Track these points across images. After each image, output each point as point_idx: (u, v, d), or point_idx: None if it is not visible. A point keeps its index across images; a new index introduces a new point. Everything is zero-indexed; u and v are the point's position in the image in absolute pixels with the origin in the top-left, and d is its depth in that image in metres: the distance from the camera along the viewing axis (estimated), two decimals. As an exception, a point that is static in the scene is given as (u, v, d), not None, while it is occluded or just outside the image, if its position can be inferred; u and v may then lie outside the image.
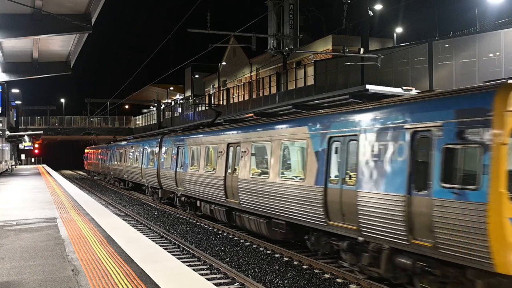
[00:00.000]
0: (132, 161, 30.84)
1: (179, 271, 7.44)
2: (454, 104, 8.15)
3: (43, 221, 12.85)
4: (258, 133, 14.58)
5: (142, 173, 27.95)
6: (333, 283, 10.62)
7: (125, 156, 32.97)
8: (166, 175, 23.35)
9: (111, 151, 38.76)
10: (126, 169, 32.64)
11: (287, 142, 13.05)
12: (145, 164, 27.39)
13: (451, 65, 26.43)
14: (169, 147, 23.52)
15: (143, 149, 28.30)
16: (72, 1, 17.13)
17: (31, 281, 7.00)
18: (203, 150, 18.85)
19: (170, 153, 23.08)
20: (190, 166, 20.28)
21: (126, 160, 32.94)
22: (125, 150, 33.32)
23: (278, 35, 21.48)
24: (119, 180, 37.31)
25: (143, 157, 28.04)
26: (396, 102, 9.74)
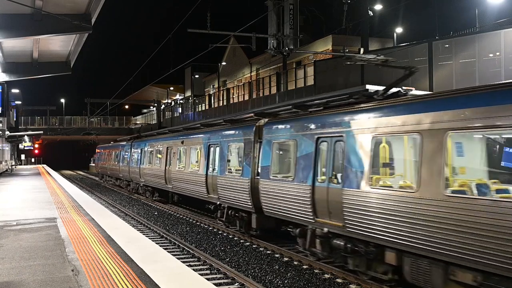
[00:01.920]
0: (185, 163, 21.11)
1: (179, 271, 7.44)
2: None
3: (43, 221, 12.85)
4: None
5: (211, 184, 17.88)
6: (333, 283, 10.62)
7: (169, 156, 23.65)
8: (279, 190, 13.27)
9: (140, 149, 29.85)
10: (171, 175, 22.83)
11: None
12: (217, 169, 17.40)
13: (451, 65, 26.42)
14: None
15: (218, 145, 17.68)
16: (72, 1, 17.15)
17: (31, 281, 7.00)
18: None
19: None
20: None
21: (170, 161, 23.42)
22: (168, 148, 23.80)
23: (278, 35, 21.48)
24: (152, 189, 27.80)
25: (212, 158, 18.21)
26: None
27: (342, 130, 10.69)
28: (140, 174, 29.07)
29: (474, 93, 7.97)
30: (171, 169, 22.91)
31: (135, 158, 30.85)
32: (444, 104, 8.33)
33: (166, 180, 23.54)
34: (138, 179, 29.89)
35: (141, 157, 29.06)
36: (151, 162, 26.74)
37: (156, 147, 25.84)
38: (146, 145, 28.48)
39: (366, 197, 9.60)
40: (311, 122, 12.10)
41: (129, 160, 32.48)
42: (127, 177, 33.84)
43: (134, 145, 32.17)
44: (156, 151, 25.84)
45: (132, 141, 33.29)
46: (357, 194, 9.87)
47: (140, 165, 29.03)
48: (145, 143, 29.12)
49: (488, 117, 7.40)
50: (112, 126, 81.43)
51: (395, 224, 8.84)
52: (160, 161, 24.66)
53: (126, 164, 33.64)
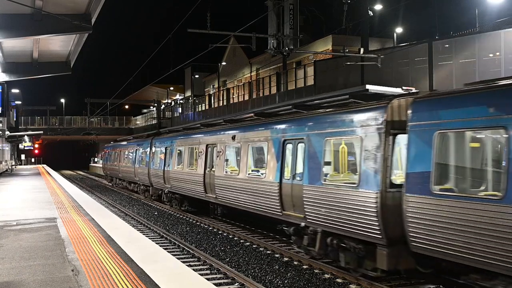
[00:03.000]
0: (240, 166, 15.64)
1: (179, 271, 7.44)
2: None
3: (43, 221, 12.85)
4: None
5: (290, 196, 12.68)
6: (333, 283, 10.62)
7: (211, 156, 18.31)
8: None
9: (164, 147, 24.33)
10: (215, 181, 17.26)
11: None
12: (303, 175, 12.09)
13: (451, 65, 26.43)
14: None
15: (301, 142, 12.41)
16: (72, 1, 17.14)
17: (31, 281, 7.00)
18: None
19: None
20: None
21: (212, 163, 18.08)
22: (210, 146, 18.49)
23: (278, 35, 21.48)
24: (181, 198, 22.31)
25: (290, 160, 12.99)
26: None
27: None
28: (165, 179, 23.50)
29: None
30: (214, 173, 17.48)
31: (158, 158, 25.31)
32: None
33: (206, 188, 18.37)
34: (162, 185, 24.29)
35: (167, 157, 23.60)
36: (181, 164, 21.43)
37: (190, 145, 20.68)
38: (174, 143, 22.88)
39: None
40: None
41: (149, 161, 26.76)
42: (145, 181, 27.95)
43: (155, 143, 26.48)
44: (189, 150, 20.74)
45: (152, 138, 27.56)
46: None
47: (165, 168, 23.59)
48: (171, 141, 23.50)
49: None
50: (112, 126, 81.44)
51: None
52: (197, 163, 19.46)
53: (144, 166, 27.76)
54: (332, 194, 10.72)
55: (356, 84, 28.62)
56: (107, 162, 42.94)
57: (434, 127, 8.48)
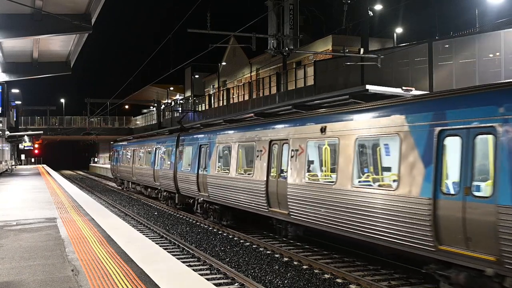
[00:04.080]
0: (344, 171, 10.97)
1: (179, 271, 7.44)
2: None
3: (43, 221, 12.85)
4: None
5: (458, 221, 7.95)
6: (333, 283, 10.62)
7: (278, 156, 13.90)
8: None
9: (197, 145, 19.76)
10: (293, 190, 12.74)
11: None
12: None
13: (451, 65, 26.44)
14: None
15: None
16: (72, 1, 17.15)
17: (31, 281, 7.00)
18: None
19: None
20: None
21: (280, 166, 13.81)
22: (275, 143, 14.12)
23: (278, 35, 21.47)
24: (222, 209, 17.58)
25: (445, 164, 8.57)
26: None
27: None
28: (200, 185, 18.72)
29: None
30: (287, 180, 12.86)
31: (188, 159, 20.58)
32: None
33: (271, 200, 13.68)
34: (194, 192, 19.47)
35: (202, 158, 18.80)
36: (227, 167, 17.02)
37: (241, 142, 16.02)
38: (214, 140, 17.98)
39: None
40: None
41: (175, 162, 21.91)
42: (169, 187, 22.91)
43: (183, 140, 21.61)
44: (239, 149, 16.19)
45: (179, 134, 22.58)
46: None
47: (200, 171, 18.78)
48: (209, 137, 18.52)
49: None
50: (112, 126, 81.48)
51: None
52: (254, 166, 14.70)
53: (168, 168, 22.88)
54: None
55: (356, 84, 28.63)
56: (117, 163, 37.09)
57: None
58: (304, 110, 13.67)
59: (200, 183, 18.91)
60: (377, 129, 10.06)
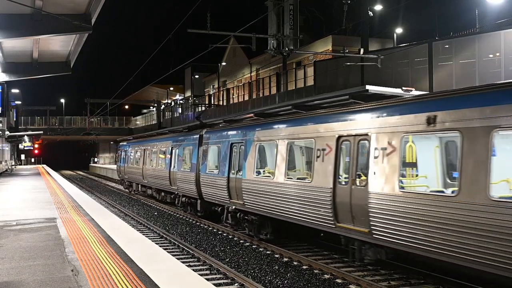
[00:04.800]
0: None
1: (179, 272, 7.44)
2: None
3: (43, 221, 12.85)
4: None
5: None
6: (333, 284, 10.62)
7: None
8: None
9: (226, 143, 16.94)
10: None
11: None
12: None
13: (451, 66, 26.44)
14: None
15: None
16: (72, 1, 17.15)
17: (30, 281, 7.00)
18: None
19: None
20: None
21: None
22: (368, 134, 10.21)
23: (278, 35, 21.48)
24: (260, 220, 14.84)
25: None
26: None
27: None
28: (232, 190, 15.98)
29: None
30: (367, 188, 9.92)
31: (215, 160, 17.93)
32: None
33: (339, 213, 10.82)
34: (223, 198, 16.67)
35: (235, 158, 16.06)
36: (272, 169, 13.94)
37: (293, 139, 13.13)
38: (252, 136, 15.06)
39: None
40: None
41: (198, 163, 19.15)
42: (189, 192, 20.16)
43: (208, 137, 18.60)
44: (290, 148, 13.47)
45: (202, 130, 19.56)
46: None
47: (232, 174, 16.07)
48: (245, 133, 15.61)
49: None
50: (112, 126, 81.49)
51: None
52: (313, 169, 11.76)
53: (188, 170, 20.11)
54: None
55: (356, 85, 28.64)
56: (124, 164, 33.72)
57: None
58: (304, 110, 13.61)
59: (232, 189, 15.95)
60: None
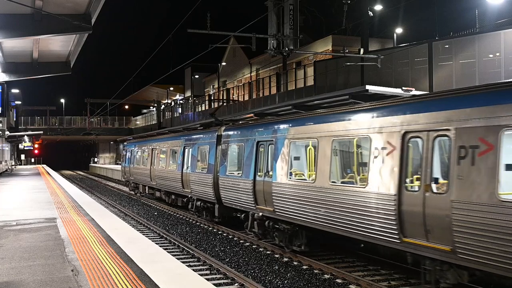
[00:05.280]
0: None
1: (179, 271, 7.44)
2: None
3: (43, 221, 12.85)
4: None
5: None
6: (333, 284, 10.62)
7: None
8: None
9: (257, 142, 14.73)
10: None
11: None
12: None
13: (451, 66, 26.43)
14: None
15: None
16: (72, 1, 17.12)
17: (30, 281, 7.00)
18: None
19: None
20: None
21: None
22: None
23: (278, 35, 21.48)
24: (294, 231, 13.05)
25: None
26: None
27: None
28: (259, 195, 14.10)
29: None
30: (457, 196, 8.03)
31: (238, 161, 16.15)
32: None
33: (409, 223, 8.99)
34: (247, 204, 14.78)
35: (262, 159, 14.25)
36: (312, 172, 12.11)
37: (339, 138, 11.18)
38: (284, 134, 13.15)
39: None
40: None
41: (216, 164, 17.36)
42: (205, 195, 18.24)
43: (228, 135, 16.75)
44: (341, 147, 11.70)
45: (221, 128, 17.70)
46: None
47: (258, 177, 14.30)
48: (274, 129, 13.72)
49: None
50: (112, 126, 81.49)
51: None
52: (374, 173, 9.83)
53: (205, 172, 18.13)
54: None
55: (356, 85, 28.65)
56: (130, 165, 31.92)
57: None
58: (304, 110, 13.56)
59: (259, 193, 14.11)
60: None
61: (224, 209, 17.23)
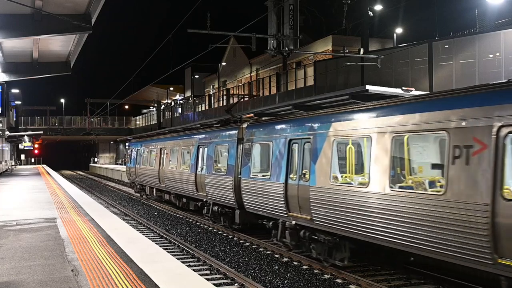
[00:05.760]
0: None
1: (179, 272, 7.44)
2: None
3: (43, 221, 12.85)
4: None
5: None
6: (333, 284, 10.62)
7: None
8: None
9: (288, 139, 12.85)
10: None
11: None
12: None
13: (451, 66, 26.43)
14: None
15: None
16: (72, 1, 17.12)
17: (30, 281, 7.00)
18: None
19: None
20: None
21: None
22: None
23: (278, 35, 21.48)
24: (336, 244, 11.31)
25: None
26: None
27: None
28: (293, 200, 12.42)
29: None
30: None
31: (265, 162, 14.64)
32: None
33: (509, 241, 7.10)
34: (280, 211, 12.90)
35: (299, 160, 12.36)
36: (362, 175, 10.53)
37: (401, 134, 9.26)
38: (326, 131, 11.39)
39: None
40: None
41: (237, 165, 15.58)
42: (225, 200, 16.33)
43: (253, 132, 14.94)
44: (407, 146, 9.45)
45: (242, 125, 15.95)
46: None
47: (294, 180, 12.45)
48: (310, 126, 12.01)
49: None
50: (112, 126, 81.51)
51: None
52: (454, 177, 7.96)
53: (224, 173, 16.36)
54: None
55: (356, 85, 28.64)
56: (136, 165, 30.05)
57: None
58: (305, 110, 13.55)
59: (292, 198, 12.38)
60: None
61: (246, 215, 15.42)
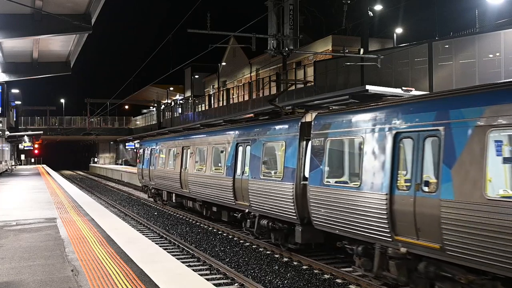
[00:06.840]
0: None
1: (179, 271, 7.44)
2: None
3: (43, 221, 12.85)
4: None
5: None
6: (333, 284, 10.62)
7: None
8: None
9: (403, 132, 8.99)
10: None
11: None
12: None
13: (451, 66, 26.43)
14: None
15: None
16: (72, 1, 17.12)
17: (30, 281, 7.00)
18: None
19: None
20: None
21: None
22: None
23: (278, 35, 21.49)
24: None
25: None
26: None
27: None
28: (401, 218, 8.92)
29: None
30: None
31: (348, 165, 11.29)
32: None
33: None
34: (379, 232, 9.31)
35: (417, 163, 8.71)
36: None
37: None
38: (478, 114, 7.46)
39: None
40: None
41: (300, 169, 12.43)
42: (279, 213, 13.05)
43: (327, 125, 11.35)
44: None
45: (303, 117, 12.65)
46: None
47: (404, 191, 8.91)
48: (438, 115, 8.21)
49: None
50: (112, 126, 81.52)
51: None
52: None
53: (279, 179, 13.13)
54: None
55: (356, 85, 28.64)
56: (150, 167, 26.28)
57: None
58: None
59: (401, 216, 8.91)
60: None
61: (310, 233, 12.24)
